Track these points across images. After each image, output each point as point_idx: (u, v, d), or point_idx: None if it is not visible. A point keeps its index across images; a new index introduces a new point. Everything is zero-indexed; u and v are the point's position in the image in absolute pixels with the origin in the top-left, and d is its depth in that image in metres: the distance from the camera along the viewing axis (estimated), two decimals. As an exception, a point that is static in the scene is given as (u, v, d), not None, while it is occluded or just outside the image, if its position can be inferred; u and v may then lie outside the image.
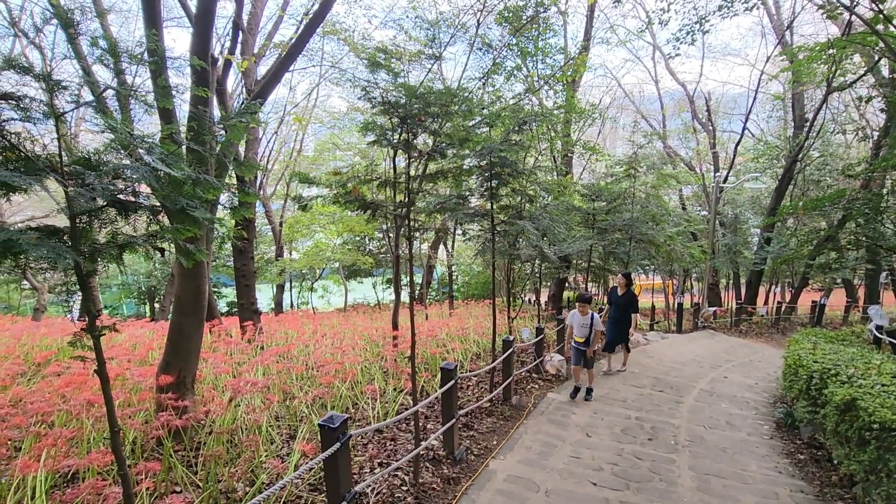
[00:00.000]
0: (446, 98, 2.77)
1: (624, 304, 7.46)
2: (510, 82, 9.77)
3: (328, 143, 18.44)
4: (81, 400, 4.02)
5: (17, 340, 7.85)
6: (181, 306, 4.18)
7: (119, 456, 1.57)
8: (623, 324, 7.54)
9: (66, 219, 1.40)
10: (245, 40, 8.36)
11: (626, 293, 7.50)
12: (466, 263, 22.11)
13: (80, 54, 8.27)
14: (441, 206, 4.15)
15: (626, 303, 7.45)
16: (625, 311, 7.45)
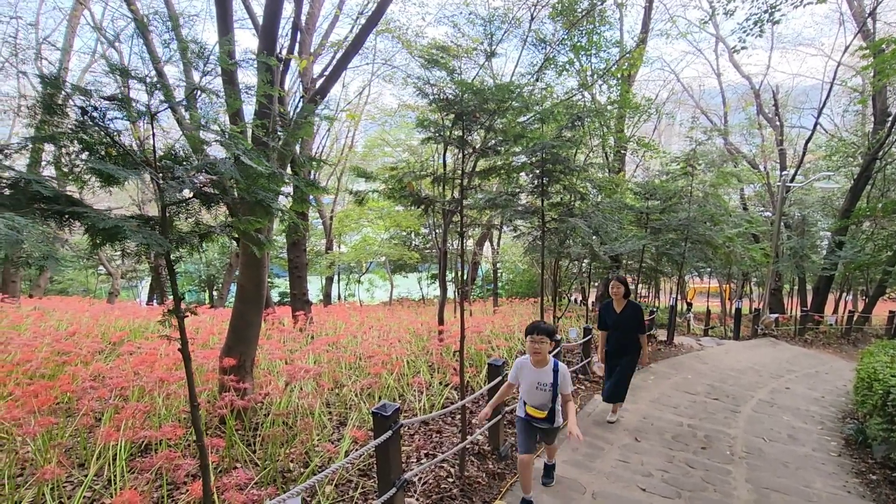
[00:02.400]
0: (503, 94, 2.77)
1: (626, 325, 4.97)
2: (562, 77, 9.59)
3: (377, 139, 18.81)
4: (154, 378, 4.35)
5: (95, 321, 8.55)
6: (243, 294, 4.42)
7: (198, 429, 1.71)
8: (629, 356, 5.05)
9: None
10: (303, 40, 8.66)
11: (628, 307, 5.02)
12: (511, 261, 21.95)
13: (153, 55, 8.88)
14: (492, 203, 4.15)
15: (630, 321, 4.97)
16: (629, 334, 5.01)
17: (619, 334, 5.02)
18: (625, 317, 4.97)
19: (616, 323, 5.00)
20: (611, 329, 5.06)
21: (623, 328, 4.98)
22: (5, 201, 1.10)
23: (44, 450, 3.49)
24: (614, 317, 5.01)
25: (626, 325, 4.96)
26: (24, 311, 9.04)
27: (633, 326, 4.97)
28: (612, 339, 5.05)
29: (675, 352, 10.08)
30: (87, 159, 1.32)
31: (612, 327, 5.02)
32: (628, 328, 4.97)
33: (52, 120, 1.31)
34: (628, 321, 4.96)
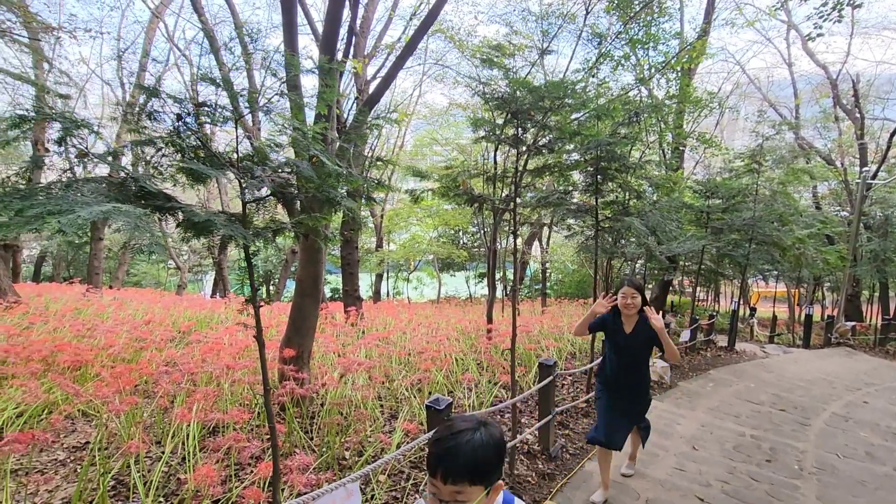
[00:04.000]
0: (559, 91, 2.75)
1: (636, 351, 3.45)
2: (617, 72, 9.31)
3: (427, 138, 19.03)
4: (221, 365, 4.65)
5: (167, 311, 9.21)
6: (302, 289, 4.63)
7: (269, 412, 1.83)
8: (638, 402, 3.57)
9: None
10: (357, 43, 8.92)
11: (641, 325, 3.39)
12: (560, 261, 21.55)
13: (220, 62, 9.42)
14: (544, 201, 4.12)
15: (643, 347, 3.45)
16: (638, 364, 3.50)
17: (626, 362, 3.43)
18: (636, 339, 3.36)
19: (623, 346, 3.42)
20: (613, 353, 3.51)
21: (631, 354, 3.42)
22: (117, 196, 1.24)
23: (127, 426, 3.82)
24: (621, 337, 3.41)
25: (636, 352, 3.41)
26: (106, 300, 9.88)
27: (646, 356, 3.46)
28: (613, 366, 3.51)
29: (736, 358, 9.57)
30: (180, 160, 1.46)
31: (617, 352, 3.47)
32: (639, 357, 3.43)
33: (151, 125, 1.46)
34: (640, 346, 3.39)
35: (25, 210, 0.96)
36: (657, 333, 3.19)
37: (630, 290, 3.30)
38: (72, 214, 0.96)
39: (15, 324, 6.32)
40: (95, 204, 1.04)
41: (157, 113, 1.46)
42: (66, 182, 1.19)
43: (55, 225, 0.92)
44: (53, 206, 0.98)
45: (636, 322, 3.37)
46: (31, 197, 1.05)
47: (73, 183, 1.20)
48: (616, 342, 3.47)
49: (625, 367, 3.47)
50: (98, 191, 1.17)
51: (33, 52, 8.68)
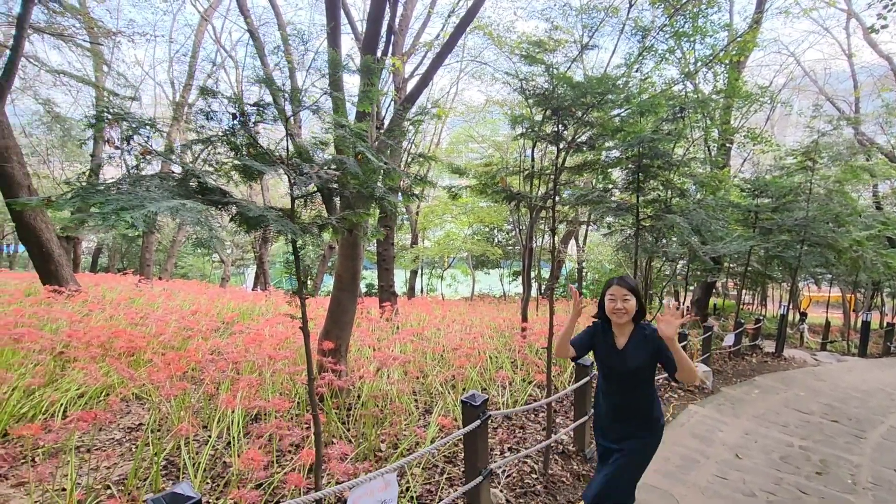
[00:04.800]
0: (604, 86, 2.70)
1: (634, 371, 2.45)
2: (661, 66, 9.00)
3: (462, 135, 19.03)
4: (263, 355, 4.83)
5: (212, 302, 9.62)
6: (340, 283, 4.74)
7: (313, 401, 1.90)
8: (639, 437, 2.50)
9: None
10: (395, 41, 9.02)
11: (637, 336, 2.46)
12: (597, 260, 21.12)
13: (264, 62, 9.72)
14: (584, 199, 4.06)
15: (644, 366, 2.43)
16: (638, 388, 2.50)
17: (619, 389, 2.51)
18: (633, 356, 2.42)
19: (615, 368, 2.48)
20: (604, 379, 2.60)
21: (626, 379, 2.47)
22: (179, 191, 1.32)
23: (177, 410, 4.04)
24: (612, 354, 2.48)
25: (633, 375, 2.43)
26: (156, 291, 10.42)
27: (648, 375, 2.45)
28: (607, 393, 2.58)
29: (784, 365, 9.13)
30: (234, 157, 1.54)
31: (608, 377, 2.56)
32: (637, 381, 2.45)
33: (209, 125, 1.54)
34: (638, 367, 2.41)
35: (102, 205, 1.04)
36: (666, 344, 2.19)
37: (621, 289, 2.37)
38: (143, 210, 1.03)
39: (76, 311, 6.76)
40: (162, 200, 1.12)
41: (214, 113, 1.55)
42: (133, 178, 1.28)
43: (129, 220, 0.99)
44: (126, 201, 1.05)
45: (631, 333, 2.41)
46: (104, 193, 1.14)
47: (140, 179, 1.29)
48: (606, 363, 2.47)
49: (619, 399, 2.47)
50: (162, 187, 1.26)
51: (94, 56, 9.22)
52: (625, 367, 2.44)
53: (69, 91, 11.14)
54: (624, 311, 2.38)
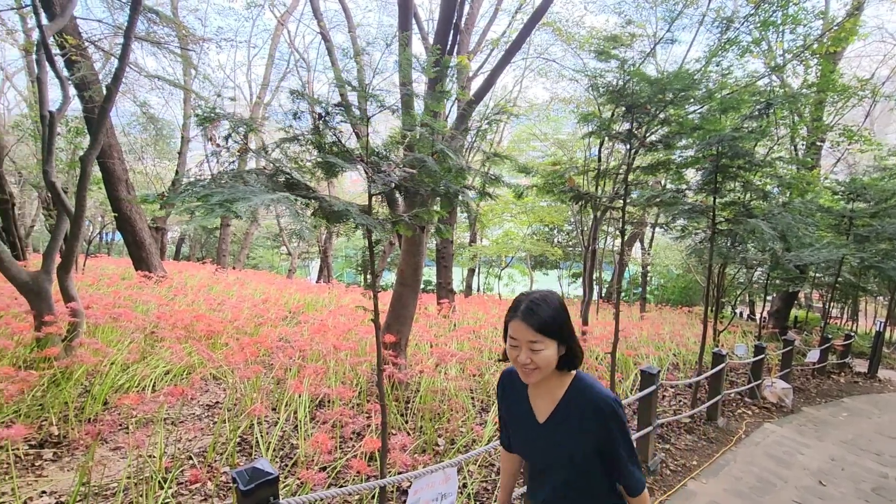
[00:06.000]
0: (683, 82, 2.56)
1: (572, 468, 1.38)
2: (744, 59, 8.39)
3: (524, 133, 18.78)
4: (328, 345, 5.04)
5: (280, 292, 10.16)
6: (402, 278, 4.85)
7: (381, 390, 1.96)
8: None
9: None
10: (461, 40, 9.06)
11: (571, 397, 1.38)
12: (664, 264, 20.12)
13: (334, 63, 10.10)
14: (656, 200, 3.88)
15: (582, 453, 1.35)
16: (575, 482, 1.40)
17: (553, 488, 1.45)
18: (561, 433, 1.39)
19: (537, 450, 1.46)
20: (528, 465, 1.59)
21: (558, 469, 1.43)
22: (270, 186, 1.42)
23: (249, 392, 4.31)
24: (529, 428, 1.46)
25: (570, 464, 1.39)
26: (231, 279, 11.17)
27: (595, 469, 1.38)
28: (532, 492, 1.56)
29: (879, 387, 8.26)
30: (318, 155, 1.63)
31: (528, 460, 1.55)
32: (577, 472, 1.40)
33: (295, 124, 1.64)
34: (574, 453, 1.37)
35: (210, 198, 1.14)
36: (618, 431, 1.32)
37: (526, 329, 1.30)
38: (246, 202, 1.12)
39: (163, 295, 7.40)
40: (261, 193, 1.21)
41: (301, 113, 1.65)
42: (233, 174, 1.39)
43: (236, 210, 1.08)
44: (229, 194, 1.15)
45: (561, 399, 1.39)
46: (210, 187, 1.25)
47: (239, 175, 1.39)
48: (521, 442, 1.51)
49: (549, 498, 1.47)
50: (259, 181, 1.36)
51: (184, 61, 10.01)
52: (551, 453, 1.39)
53: (161, 94, 12.19)
54: (533, 366, 1.30)
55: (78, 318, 4.32)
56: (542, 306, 1.32)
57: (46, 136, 3.96)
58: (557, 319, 1.32)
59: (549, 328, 1.30)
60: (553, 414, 1.39)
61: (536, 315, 1.30)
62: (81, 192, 4.12)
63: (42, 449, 3.12)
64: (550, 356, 1.31)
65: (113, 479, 2.86)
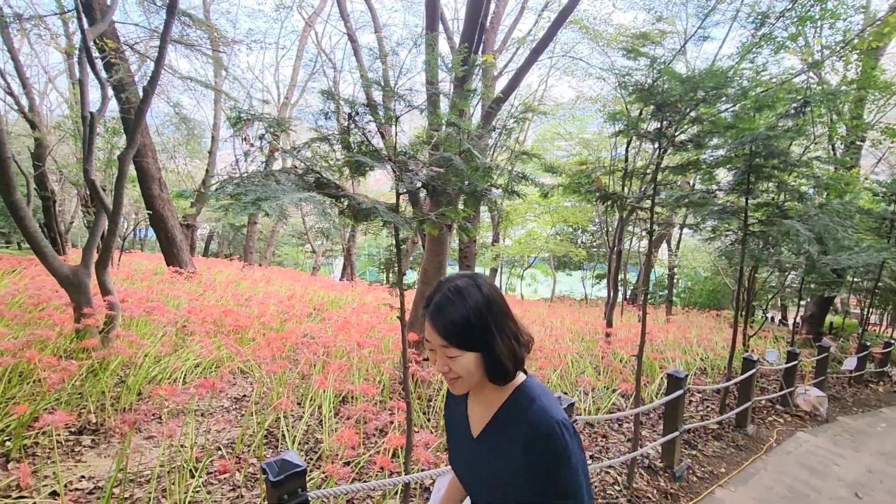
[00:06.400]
0: (716, 80, 2.50)
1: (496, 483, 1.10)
2: (779, 55, 8.11)
3: (549, 132, 18.60)
4: (352, 342, 5.10)
5: (305, 289, 10.34)
6: (426, 277, 4.87)
7: (407, 388, 1.98)
8: None
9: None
10: (486, 39, 9.04)
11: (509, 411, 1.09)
12: (691, 266, 19.63)
13: (360, 62, 10.20)
14: (685, 200, 3.79)
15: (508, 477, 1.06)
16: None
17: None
18: (494, 453, 1.10)
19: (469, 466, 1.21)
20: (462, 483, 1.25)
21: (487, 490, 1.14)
22: (301, 184, 1.45)
23: (276, 386, 4.40)
24: (463, 441, 1.21)
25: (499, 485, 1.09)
26: (257, 276, 11.42)
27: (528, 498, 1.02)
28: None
29: (920, 399, 7.88)
30: (347, 154, 1.65)
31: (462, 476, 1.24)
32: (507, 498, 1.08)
33: (324, 124, 1.68)
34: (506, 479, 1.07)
35: (243, 196, 1.18)
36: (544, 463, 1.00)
37: (433, 331, 1.05)
38: (277, 200, 1.15)
39: (193, 290, 7.62)
40: (291, 192, 1.24)
41: (332, 113, 1.68)
42: (264, 173, 1.43)
43: (266, 208, 1.12)
44: (261, 193, 1.19)
45: (498, 410, 1.11)
46: (243, 185, 1.29)
47: (270, 174, 1.43)
48: (456, 456, 1.29)
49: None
50: (289, 180, 1.40)
51: (215, 63, 10.27)
52: (482, 477, 1.15)
53: (193, 95, 12.55)
54: (453, 375, 1.06)
55: (114, 312, 4.49)
56: (455, 305, 1.01)
57: (87, 135, 4.13)
58: (472, 323, 1.00)
59: (458, 336, 1.00)
60: (486, 428, 1.10)
61: (443, 316, 1.02)
62: (119, 190, 4.28)
63: (81, 436, 3.26)
64: (470, 365, 1.03)
65: (146, 466, 2.96)
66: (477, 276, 1.10)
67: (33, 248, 4.08)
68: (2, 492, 2.51)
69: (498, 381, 1.07)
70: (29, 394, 3.44)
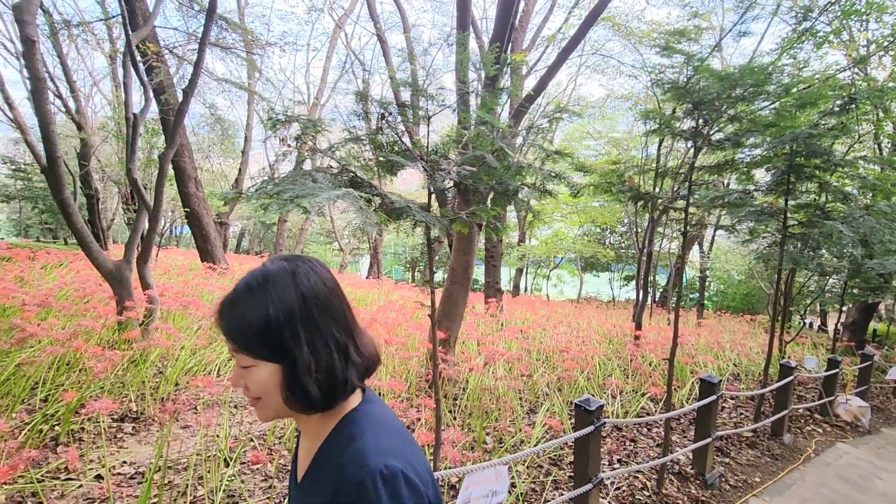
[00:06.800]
0: (756, 77, 2.42)
1: None
2: (821, 51, 7.77)
3: (577, 131, 18.35)
4: (379, 339, 5.16)
5: (333, 286, 10.50)
6: (454, 276, 4.89)
7: (436, 384, 2.00)
8: None
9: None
10: (515, 38, 8.98)
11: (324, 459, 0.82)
12: (724, 269, 19.05)
13: (388, 62, 10.30)
14: (721, 201, 3.69)
15: None
16: None
17: None
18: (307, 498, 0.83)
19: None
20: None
21: None
22: (336, 183, 1.49)
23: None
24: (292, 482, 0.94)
25: None
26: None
27: None
28: None
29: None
30: (381, 153, 1.69)
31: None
32: None
33: (357, 125, 1.71)
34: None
35: (282, 193, 1.22)
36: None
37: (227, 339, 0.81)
38: (315, 198, 1.19)
39: (225, 286, 7.86)
40: (328, 190, 1.28)
41: (366, 114, 1.71)
42: (302, 172, 1.48)
43: (306, 206, 1.16)
44: (300, 191, 1.23)
45: (318, 449, 0.84)
46: (282, 184, 1.34)
47: (307, 173, 1.48)
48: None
49: None
50: (326, 178, 1.44)
51: (248, 65, 10.55)
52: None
53: (228, 96, 12.95)
54: (250, 393, 0.83)
55: (154, 305, 4.67)
56: (254, 296, 0.79)
57: (130, 136, 4.31)
58: (270, 323, 0.77)
59: (246, 338, 0.78)
60: (307, 471, 0.86)
61: (232, 310, 0.80)
62: (159, 189, 4.45)
63: (122, 423, 3.41)
64: (267, 381, 0.78)
65: (183, 454, 3.08)
66: (303, 259, 0.84)
67: (80, 243, 4.29)
68: (52, 473, 2.66)
69: (296, 408, 0.79)
70: (76, 382, 3.62)
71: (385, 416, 0.85)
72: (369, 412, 0.84)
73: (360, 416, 0.83)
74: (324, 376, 0.78)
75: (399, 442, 0.79)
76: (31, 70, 3.53)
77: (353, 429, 0.80)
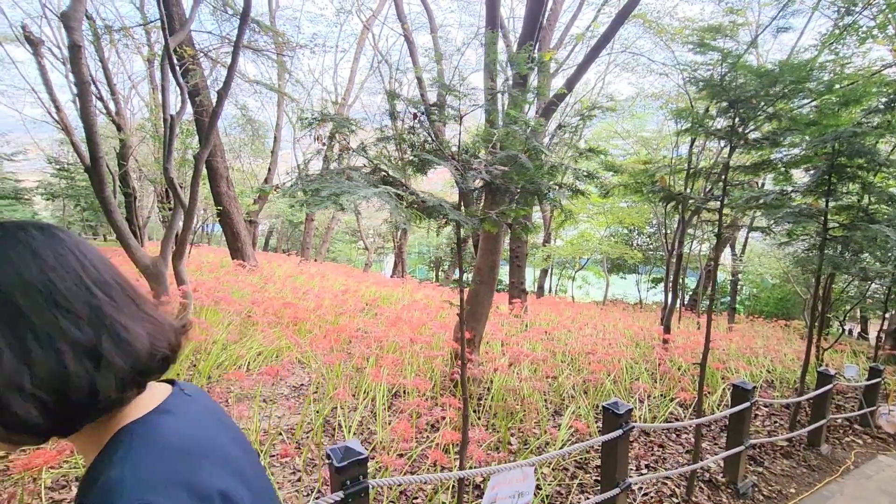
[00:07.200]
0: (798, 74, 2.34)
1: None
2: (864, 46, 7.44)
3: (604, 131, 18.06)
4: (404, 337, 5.20)
5: (358, 285, 10.64)
6: (479, 275, 4.88)
7: (464, 383, 2.00)
8: None
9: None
10: (543, 37, 8.91)
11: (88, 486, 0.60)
12: (757, 272, 18.43)
13: (415, 62, 10.36)
14: (756, 202, 3.58)
15: None
16: None
17: None
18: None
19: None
20: None
21: None
22: (369, 181, 1.51)
23: (331, 377, 4.57)
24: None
25: None
26: (313, 270, 11.89)
27: None
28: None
29: None
30: (412, 152, 1.71)
31: None
32: None
33: (389, 124, 1.73)
34: None
35: (320, 191, 1.25)
36: None
37: None
38: (353, 195, 1.22)
39: (255, 283, 8.04)
40: (364, 188, 1.30)
41: (398, 113, 1.74)
42: (337, 170, 1.51)
43: (343, 203, 1.18)
44: (337, 188, 1.26)
45: (80, 485, 0.64)
46: (318, 181, 1.37)
47: (341, 171, 1.50)
48: None
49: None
50: (361, 176, 1.46)
51: (279, 66, 10.78)
52: None
53: (259, 97, 13.29)
54: None
55: (187, 300, 4.83)
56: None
57: (167, 136, 4.46)
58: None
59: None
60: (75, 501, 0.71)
61: None
62: (194, 188, 4.59)
63: (159, 413, 3.53)
64: None
65: (216, 445, 3.17)
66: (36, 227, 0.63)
67: (119, 239, 4.46)
68: (94, 459, 2.77)
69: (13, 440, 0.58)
70: (115, 372, 3.77)
71: (179, 429, 0.65)
72: (154, 426, 0.64)
73: (135, 432, 0.62)
74: (48, 390, 0.56)
75: (182, 464, 0.60)
76: (76, 74, 3.69)
77: (114, 454, 0.60)
